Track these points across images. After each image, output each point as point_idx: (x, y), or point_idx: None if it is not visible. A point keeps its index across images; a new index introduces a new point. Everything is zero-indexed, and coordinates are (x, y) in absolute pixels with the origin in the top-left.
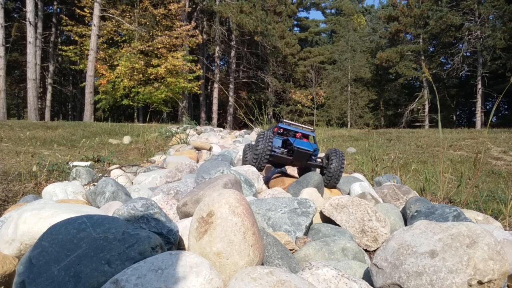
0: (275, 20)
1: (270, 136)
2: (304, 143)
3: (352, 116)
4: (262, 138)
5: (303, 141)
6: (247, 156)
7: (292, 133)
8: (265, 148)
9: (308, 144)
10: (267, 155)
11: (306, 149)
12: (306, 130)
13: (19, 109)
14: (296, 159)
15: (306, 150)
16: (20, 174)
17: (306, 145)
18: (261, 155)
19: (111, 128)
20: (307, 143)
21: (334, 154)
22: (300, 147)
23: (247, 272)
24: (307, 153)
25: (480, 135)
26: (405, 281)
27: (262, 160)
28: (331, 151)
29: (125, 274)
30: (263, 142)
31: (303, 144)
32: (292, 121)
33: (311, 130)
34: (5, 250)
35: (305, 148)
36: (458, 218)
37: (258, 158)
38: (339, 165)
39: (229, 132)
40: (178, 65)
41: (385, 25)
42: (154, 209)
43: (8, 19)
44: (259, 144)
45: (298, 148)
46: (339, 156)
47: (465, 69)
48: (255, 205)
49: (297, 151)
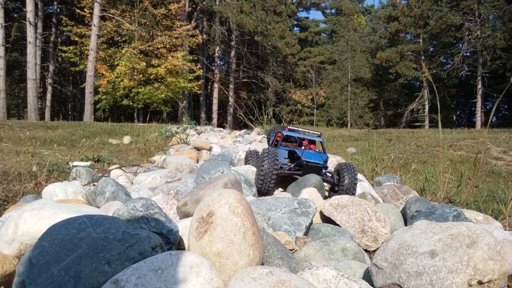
0: (275, 20)
1: (275, 153)
2: (313, 155)
3: (352, 116)
4: (267, 155)
5: (311, 152)
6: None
7: (297, 140)
8: (271, 167)
9: (316, 155)
10: (274, 175)
11: (316, 162)
12: (312, 136)
13: (19, 109)
14: (305, 173)
15: (316, 164)
16: (20, 174)
17: (315, 156)
18: (268, 176)
19: (111, 128)
20: (315, 154)
21: (345, 169)
22: (310, 160)
23: (247, 272)
24: (317, 167)
25: (480, 135)
26: (405, 281)
27: (269, 181)
28: (342, 167)
29: (125, 274)
30: (269, 161)
31: (312, 156)
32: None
33: (317, 134)
34: (5, 250)
35: (315, 161)
36: (458, 218)
37: (264, 179)
38: (352, 181)
39: (229, 132)
40: (178, 65)
41: (385, 25)
42: (154, 209)
43: (8, 19)
44: (264, 163)
45: (307, 162)
46: (351, 171)
47: (465, 69)
48: (255, 205)
49: (306, 165)
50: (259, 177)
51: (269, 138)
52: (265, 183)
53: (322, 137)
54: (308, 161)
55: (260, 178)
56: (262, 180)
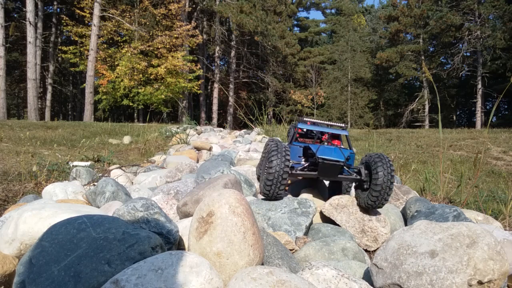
0: (275, 20)
1: (286, 148)
2: (331, 150)
3: (352, 116)
4: (275, 151)
5: (330, 147)
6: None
7: (316, 135)
8: (282, 166)
9: (337, 151)
10: (285, 178)
11: (335, 159)
12: (335, 129)
13: (19, 109)
14: (322, 174)
15: (335, 161)
16: (20, 174)
17: (334, 152)
18: (277, 179)
19: (111, 128)
20: (335, 150)
21: (378, 161)
22: (326, 157)
23: (247, 272)
24: (337, 165)
25: (480, 135)
26: (405, 281)
27: (278, 185)
28: (372, 158)
29: (125, 274)
30: (278, 158)
31: (330, 152)
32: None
33: (342, 127)
34: (5, 250)
35: (333, 158)
36: (458, 218)
37: (272, 184)
38: (388, 177)
39: (229, 132)
40: (178, 65)
41: (385, 25)
42: (154, 209)
43: (8, 19)
44: (272, 160)
45: (323, 159)
46: (386, 163)
47: (465, 69)
48: (255, 205)
49: (322, 163)
50: (267, 179)
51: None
52: (274, 187)
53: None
54: (324, 159)
55: (267, 183)
56: (270, 186)
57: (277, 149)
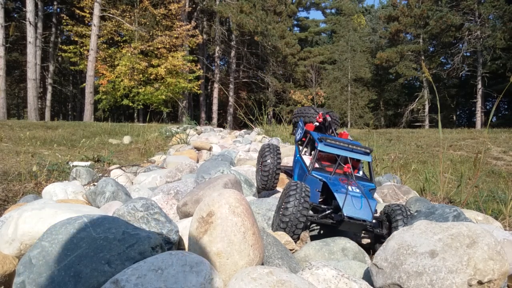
0: (275, 20)
1: (306, 189)
2: (359, 202)
3: (352, 116)
4: (294, 191)
5: (357, 195)
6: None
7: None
8: (300, 209)
9: (365, 205)
10: (302, 222)
11: (362, 218)
12: (357, 151)
13: (19, 109)
14: (344, 228)
15: (362, 222)
16: (20, 174)
17: (362, 208)
18: (293, 222)
19: (111, 128)
20: (363, 202)
21: (399, 214)
22: (354, 216)
23: (247, 272)
24: (363, 225)
25: (480, 135)
26: (405, 281)
27: (294, 226)
28: (393, 209)
29: (125, 274)
30: (296, 199)
31: (357, 206)
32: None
33: (365, 152)
34: (5, 250)
35: (361, 217)
36: (458, 218)
37: (286, 227)
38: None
39: (229, 132)
40: (178, 65)
41: (385, 25)
42: (154, 209)
43: (8, 19)
44: (289, 200)
45: (349, 219)
46: (406, 216)
47: (465, 69)
48: (255, 205)
49: (347, 222)
50: (281, 220)
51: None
52: (289, 232)
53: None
54: (351, 218)
55: (281, 223)
56: (285, 225)
57: (296, 189)
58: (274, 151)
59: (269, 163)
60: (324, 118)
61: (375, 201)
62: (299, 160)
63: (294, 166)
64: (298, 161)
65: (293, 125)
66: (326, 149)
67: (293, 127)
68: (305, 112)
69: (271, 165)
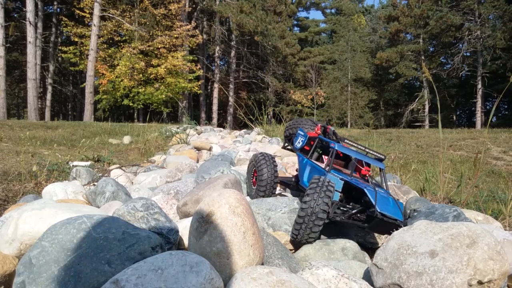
0: (275, 20)
1: (330, 184)
2: (388, 202)
3: (352, 116)
4: (315, 186)
5: (384, 195)
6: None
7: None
8: (321, 206)
9: (394, 205)
10: (322, 219)
11: (395, 217)
12: (371, 156)
13: (19, 109)
14: (373, 228)
15: (394, 220)
16: (20, 174)
17: (392, 207)
18: (311, 221)
19: (111, 128)
20: (392, 202)
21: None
22: (387, 214)
23: (247, 272)
24: (395, 225)
25: (480, 135)
26: (405, 281)
27: (310, 228)
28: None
29: (125, 274)
30: (317, 192)
31: (387, 204)
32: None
33: (379, 158)
34: (5, 250)
35: (393, 216)
36: (458, 218)
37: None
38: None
39: (229, 132)
40: (178, 65)
41: (385, 25)
42: (154, 209)
43: (8, 19)
44: (309, 193)
45: (383, 216)
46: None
47: (465, 69)
48: (255, 205)
49: (379, 221)
50: (298, 215)
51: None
52: (306, 229)
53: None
54: (384, 215)
55: (296, 227)
56: (300, 226)
57: (317, 184)
58: (270, 162)
59: (265, 175)
60: (325, 128)
61: (401, 203)
62: (309, 162)
63: (301, 170)
64: (308, 163)
65: (285, 138)
66: (342, 150)
67: (286, 140)
68: (302, 124)
69: (268, 175)
